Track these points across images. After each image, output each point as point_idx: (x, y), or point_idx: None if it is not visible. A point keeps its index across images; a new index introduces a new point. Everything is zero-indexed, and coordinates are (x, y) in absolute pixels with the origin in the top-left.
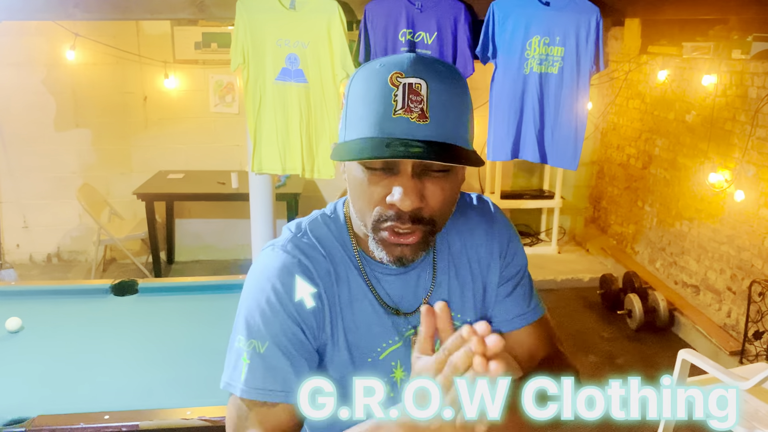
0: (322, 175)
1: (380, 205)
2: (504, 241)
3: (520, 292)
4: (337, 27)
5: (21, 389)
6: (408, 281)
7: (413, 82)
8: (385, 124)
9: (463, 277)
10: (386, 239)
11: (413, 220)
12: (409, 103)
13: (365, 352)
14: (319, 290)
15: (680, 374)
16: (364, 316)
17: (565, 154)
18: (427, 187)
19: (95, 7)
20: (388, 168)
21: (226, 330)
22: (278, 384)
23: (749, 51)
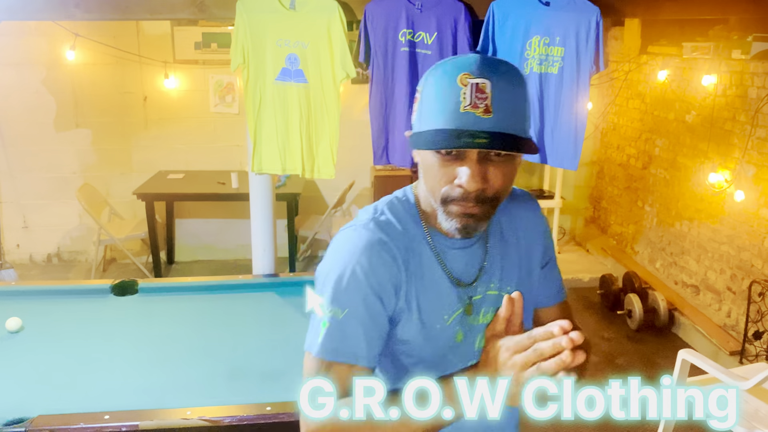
0: (322, 175)
1: (449, 185)
2: (545, 227)
3: (555, 274)
4: (337, 27)
5: (21, 389)
6: (467, 255)
7: (479, 82)
8: (455, 117)
9: (510, 254)
10: (453, 212)
11: (477, 199)
12: (475, 100)
13: (435, 319)
14: (398, 263)
15: (680, 374)
16: (434, 286)
17: (565, 154)
18: (489, 170)
19: (95, 7)
20: (457, 154)
21: (226, 330)
22: (349, 348)
23: (749, 51)
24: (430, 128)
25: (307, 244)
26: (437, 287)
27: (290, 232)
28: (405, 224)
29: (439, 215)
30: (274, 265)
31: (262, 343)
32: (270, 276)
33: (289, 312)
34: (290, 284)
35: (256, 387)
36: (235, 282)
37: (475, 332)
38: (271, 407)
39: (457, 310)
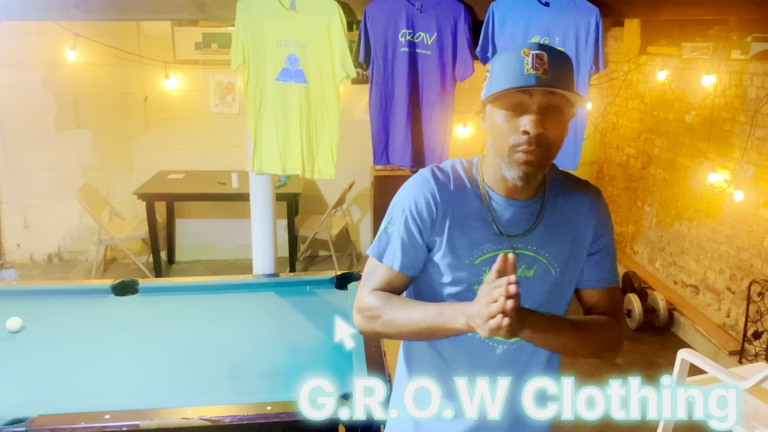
0: (322, 175)
1: (515, 134)
2: (601, 219)
3: (606, 263)
4: (337, 27)
5: (21, 389)
6: (517, 214)
7: (538, 53)
8: (520, 77)
9: (559, 227)
10: (518, 159)
11: (538, 143)
12: (536, 64)
13: (465, 254)
14: (437, 203)
15: (680, 374)
16: (472, 229)
17: (565, 155)
18: (547, 121)
19: (96, 8)
20: (521, 110)
21: (226, 330)
22: (389, 254)
23: (748, 51)
24: (499, 88)
25: (307, 244)
26: (473, 230)
27: (290, 232)
28: (458, 177)
29: (503, 168)
30: (274, 265)
31: (262, 342)
32: (270, 276)
33: (289, 312)
34: (290, 284)
35: (256, 387)
36: (235, 282)
37: None
38: (271, 407)
39: (489, 252)
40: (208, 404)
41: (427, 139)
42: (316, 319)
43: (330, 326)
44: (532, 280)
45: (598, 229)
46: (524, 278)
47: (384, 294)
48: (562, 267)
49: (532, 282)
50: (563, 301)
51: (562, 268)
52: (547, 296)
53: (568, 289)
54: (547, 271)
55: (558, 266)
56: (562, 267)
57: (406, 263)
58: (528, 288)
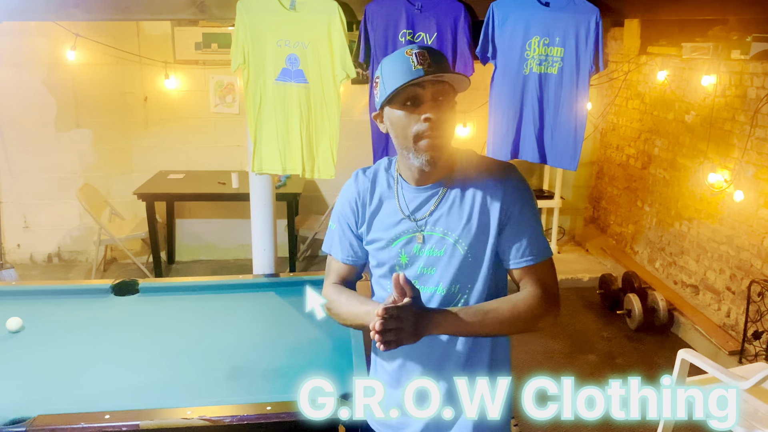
0: (322, 175)
1: (416, 124)
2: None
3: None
4: (337, 27)
5: (21, 389)
6: (423, 199)
7: (419, 51)
8: (410, 73)
9: (463, 206)
10: (423, 146)
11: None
12: (420, 60)
13: (384, 240)
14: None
15: (680, 374)
16: (386, 216)
17: (565, 155)
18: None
19: (96, 8)
20: (415, 102)
21: (226, 330)
22: (334, 247)
23: (748, 51)
24: (396, 86)
25: (307, 244)
26: (389, 217)
27: (290, 232)
28: (378, 172)
29: (410, 159)
30: (274, 265)
31: (262, 342)
32: (270, 276)
33: (289, 312)
34: (290, 284)
35: (256, 387)
36: (235, 282)
37: (418, 259)
38: (271, 407)
39: (402, 237)
40: (208, 404)
41: None
42: (316, 319)
43: (330, 326)
44: (443, 259)
45: (506, 206)
46: (436, 257)
47: (338, 288)
48: (470, 245)
49: (443, 260)
50: (478, 277)
51: (470, 246)
52: (458, 273)
53: (481, 266)
54: (454, 249)
55: (465, 244)
56: (470, 245)
57: (346, 254)
58: (440, 266)
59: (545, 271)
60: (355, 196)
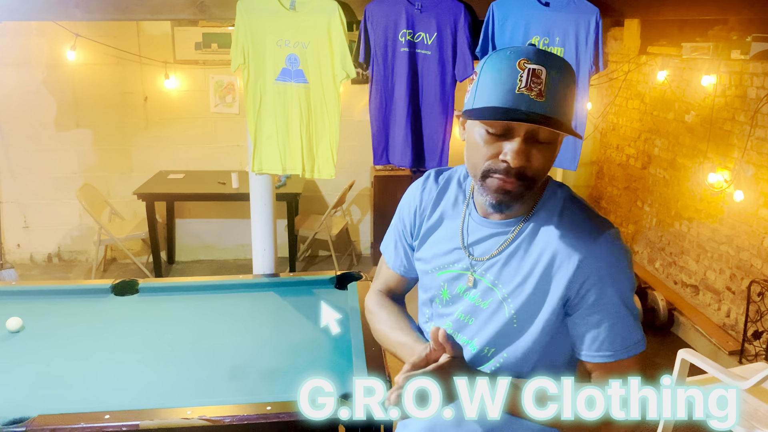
0: (322, 175)
1: (492, 160)
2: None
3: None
4: (337, 27)
5: (21, 389)
6: (489, 235)
7: (536, 68)
8: (509, 96)
9: (525, 261)
10: (491, 186)
11: (518, 176)
12: (531, 83)
13: (431, 264)
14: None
15: (680, 374)
16: (441, 240)
17: (565, 155)
18: (533, 152)
19: (96, 8)
20: (504, 133)
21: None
22: (388, 250)
23: (748, 51)
24: (486, 105)
25: (307, 244)
26: (445, 241)
27: (290, 232)
28: (451, 182)
29: (476, 189)
30: (274, 265)
31: (262, 342)
32: (270, 276)
33: (289, 312)
34: (290, 284)
35: (257, 387)
36: (235, 282)
37: (460, 302)
38: (271, 407)
39: (450, 269)
40: (208, 404)
41: (427, 139)
42: (316, 319)
43: (330, 326)
44: (485, 313)
45: (579, 280)
46: (478, 307)
47: (381, 300)
48: (518, 310)
49: (484, 314)
50: (520, 347)
51: (518, 312)
52: (497, 336)
53: (526, 337)
54: (500, 307)
55: (514, 307)
56: (519, 310)
57: (398, 262)
58: (480, 320)
59: (627, 371)
60: (417, 202)
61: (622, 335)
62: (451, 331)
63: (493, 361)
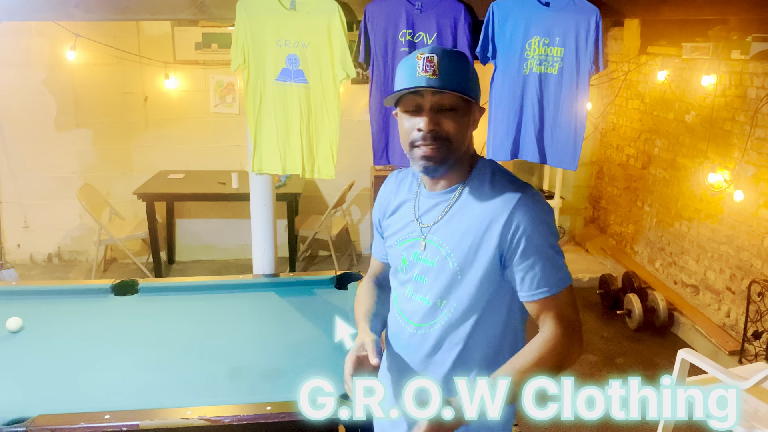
0: (322, 175)
1: (413, 132)
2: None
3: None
4: (337, 27)
5: (21, 389)
6: (433, 204)
7: (428, 56)
8: (412, 79)
9: (464, 221)
10: (417, 154)
11: (433, 138)
12: (426, 66)
13: (393, 239)
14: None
15: (680, 374)
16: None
17: (565, 155)
18: (442, 119)
19: (96, 8)
20: (416, 109)
21: (226, 330)
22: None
23: (748, 51)
24: (397, 89)
25: (307, 244)
26: (403, 218)
27: (290, 232)
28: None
29: (411, 163)
30: (274, 265)
31: (262, 342)
32: (270, 276)
33: (289, 312)
34: (290, 284)
35: (256, 387)
36: (235, 282)
37: (416, 266)
38: (271, 407)
39: (407, 239)
40: (208, 404)
41: None
42: (316, 319)
43: (330, 326)
44: (434, 270)
45: (509, 232)
46: (429, 267)
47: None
48: (460, 262)
49: (433, 271)
50: (466, 296)
51: (461, 263)
52: (446, 289)
53: (472, 284)
54: (444, 262)
55: (456, 260)
56: (461, 262)
57: (378, 250)
58: (431, 277)
59: (564, 303)
60: (382, 197)
61: (551, 271)
62: (411, 292)
63: (445, 312)
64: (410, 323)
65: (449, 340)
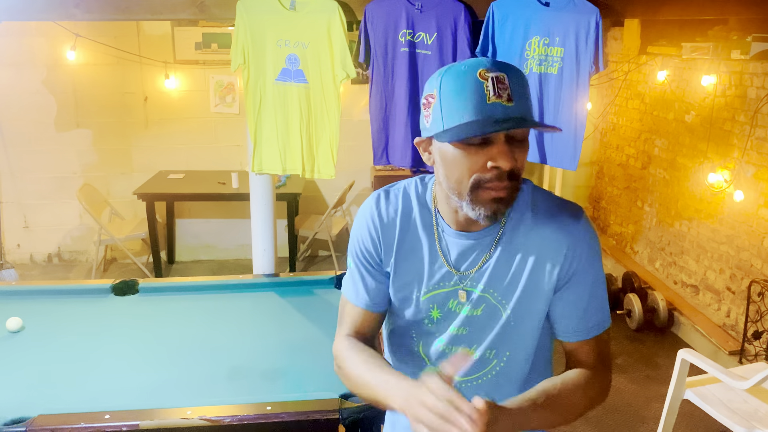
0: (322, 175)
1: (479, 172)
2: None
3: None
4: (337, 27)
5: (21, 389)
6: (469, 247)
7: (498, 75)
8: (482, 108)
9: (513, 259)
10: (486, 198)
11: (510, 177)
12: (498, 91)
13: (412, 290)
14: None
15: (680, 374)
16: (419, 262)
17: (565, 155)
18: (516, 152)
19: (96, 8)
20: (484, 142)
21: (227, 330)
22: (353, 290)
23: (748, 51)
24: (459, 122)
25: (307, 244)
26: (426, 263)
27: (290, 232)
28: (407, 203)
29: (464, 207)
30: (274, 265)
31: (262, 342)
32: (270, 276)
33: (289, 312)
34: (290, 284)
35: (256, 387)
36: (235, 282)
37: (454, 318)
38: (271, 407)
39: (438, 288)
40: (208, 404)
41: None
42: (316, 319)
43: (330, 326)
44: (480, 319)
45: (570, 262)
46: (473, 317)
47: (350, 343)
48: (513, 307)
49: (479, 321)
50: (520, 344)
51: (513, 309)
52: (498, 338)
53: (526, 332)
54: (495, 310)
55: (508, 306)
56: (514, 307)
57: (363, 297)
58: (476, 327)
59: (602, 345)
60: (375, 231)
61: (599, 312)
62: (443, 346)
63: (495, 362)
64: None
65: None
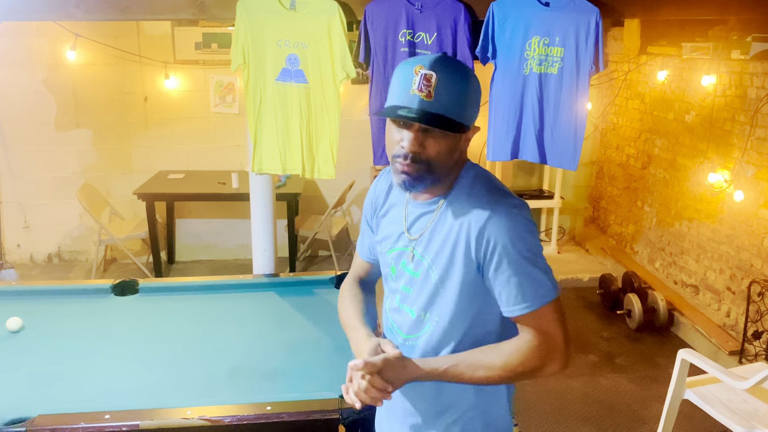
0: (322, 175)
1: (397, 146)
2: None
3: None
4: (337, 27)
5: (21, 389)
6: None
7: (427, 73)
8: (404, 97)
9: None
10: (396, 168)
11: (413, 159)
12: (422, 86)
13: (384, 245)
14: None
15: (680, 374)
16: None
17: (565, 155)
18: (428, 140)
19: (96, 8)
20: (404, 124)
21: (226, 330)
22: (360, 243)
23: (748, 51)
24: (389, 104)
25: (307, 244)
26: (393, 224)
27: (290, 232)
28: None
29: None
30: (274, 265)
31: (262, 343)
32: (270, 276)
33: (289, 312)
34: (290, 284)
35: (256, 387)
36: (235, 282)
37: (403, 276)
38: (271, 407)
39: (395, 248)
40: (208, 404)
41: None
42: (316, 319)
43: (330, 326)
44: (418, 282)
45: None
46: (413, 278)
47: (350, 285)
48: (440, 274)
49: (417, 283)
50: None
51: (441, 276)
52: (429, 301)
53: (450, 298)
54: (427, 275)
55: (437, 271)
56: (441, 274)
57: (364, 249)
58: (415, 288)
59: (545, 318)
60: (373, 196)
61: (532, 286)
62: (398, 302)
63: (428, 325)
64: (399, 333)
65: (434, 352)
